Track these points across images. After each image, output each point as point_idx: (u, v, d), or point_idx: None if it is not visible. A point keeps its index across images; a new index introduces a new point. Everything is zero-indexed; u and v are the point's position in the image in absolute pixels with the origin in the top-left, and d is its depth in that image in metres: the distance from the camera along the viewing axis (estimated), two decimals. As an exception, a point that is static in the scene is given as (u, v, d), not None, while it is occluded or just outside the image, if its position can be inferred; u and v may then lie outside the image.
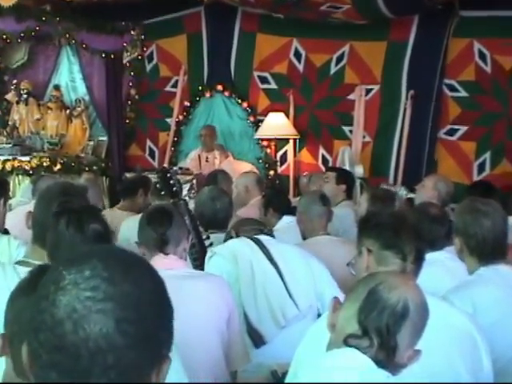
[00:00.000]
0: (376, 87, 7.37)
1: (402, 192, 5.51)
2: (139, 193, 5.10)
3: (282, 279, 3.11)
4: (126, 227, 4.32)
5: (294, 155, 7.85)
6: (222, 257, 3.12)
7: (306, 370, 1.64)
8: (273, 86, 7.99)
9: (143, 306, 1.00)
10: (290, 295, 3.10)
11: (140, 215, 3.00)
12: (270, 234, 3.37)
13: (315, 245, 3.74)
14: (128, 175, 7.20)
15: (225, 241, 3.40)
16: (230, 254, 3.11)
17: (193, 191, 6.40)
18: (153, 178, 5.54)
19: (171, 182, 3.64)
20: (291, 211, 4.50)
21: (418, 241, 2.27)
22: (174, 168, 6.83)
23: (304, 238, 3.98)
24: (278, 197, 4.98)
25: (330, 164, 7.51)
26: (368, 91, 7.39)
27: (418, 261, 2.24)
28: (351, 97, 7.46)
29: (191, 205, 4.14)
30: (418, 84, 7.07)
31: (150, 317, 1.00)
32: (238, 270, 3.07)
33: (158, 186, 3.82)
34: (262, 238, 3.23)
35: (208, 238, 3.59)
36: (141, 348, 0.99)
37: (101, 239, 2.23)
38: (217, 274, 2.99)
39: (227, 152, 8.01)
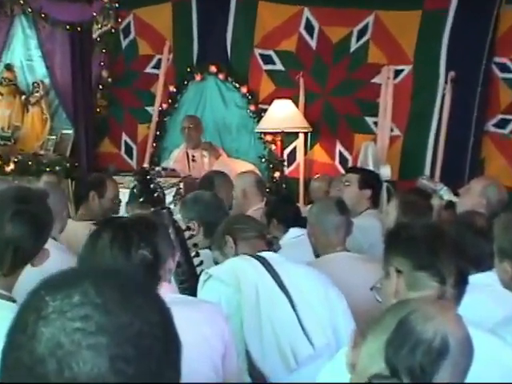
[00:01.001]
0: (407, 68, 7.35)
1: (443, 192, 5.46)
2: (90, 196, 5.09)
3: (295, 310, 3.11)
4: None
5: (305, 153, 7.86)
6: (220, 280, 3.12)
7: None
8: (278, 66, 7.98)
9: (145, 340, 1.00)
10: (304, 330, 3.09)
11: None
12: (275, 247, 3.39)
13: (330, 264, 3.74)
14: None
15: (211, 250, 3.39)
16: (231, 276, 3.11)
17: (179, 197, 6.39)
18: (130, 181, 5.50)
19: (152, 186, 3.64)
20: (300, 222, 4.50)
21: (459, 259, 2.29)
22: (157, 169, 6.83)
23: (317, 256, 3.98)
24: (283, 204, 5.00)
25: (350, 164, 7.53)
26: (397, 73, 7.38)
27: (460, 284, 2.26)
28: (376, 80, 7.47)
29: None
30: (461, 64, 7.05)
31: (153, 354, 1.01)
32: (241, 296, 3.07)
33: (135, 191, 3.81)
34: (268, 256, 3.24)
35: (197, 255, 3.58)
36: None
37: (148, 270, 2.26)
38: (213, 301, 2.99)
39: (218, 150, 8.04)
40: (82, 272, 1.08)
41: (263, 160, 8.01)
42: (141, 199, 3.75)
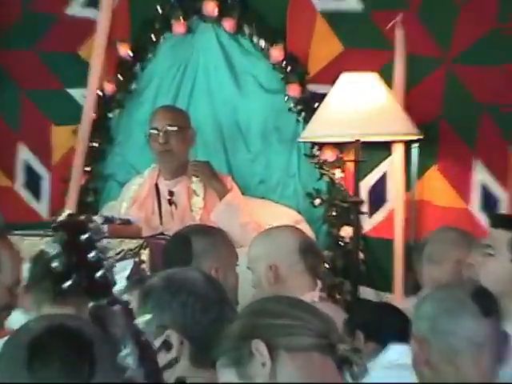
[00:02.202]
0: None
1: None
2: None
3: None
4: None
5: (408, 186, 7.87)
6: None
7: None
8: (350, 4, 8.24)
9: None
10: None
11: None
12: (355, 370, 3.21)
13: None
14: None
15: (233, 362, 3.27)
16: None
17: (139, 280, 6.28)
18: (41, 245, 5.60)
19: (92, 254, 3.30)
20: (406, 337, 4.56)
21: None
22: (96, 219, 6.72)
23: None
24: (380, 312, 5.45)
25: (502, 209, 7.94)
26: None
27: None
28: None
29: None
30: None
31: None
32: None
33: (55, 266, 3.55)
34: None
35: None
36: None
37: None
38: None
39: (225, 180, 8.22)
40: None
41: (318, 201, 8.13)
42: (67, 284, 3.43)
